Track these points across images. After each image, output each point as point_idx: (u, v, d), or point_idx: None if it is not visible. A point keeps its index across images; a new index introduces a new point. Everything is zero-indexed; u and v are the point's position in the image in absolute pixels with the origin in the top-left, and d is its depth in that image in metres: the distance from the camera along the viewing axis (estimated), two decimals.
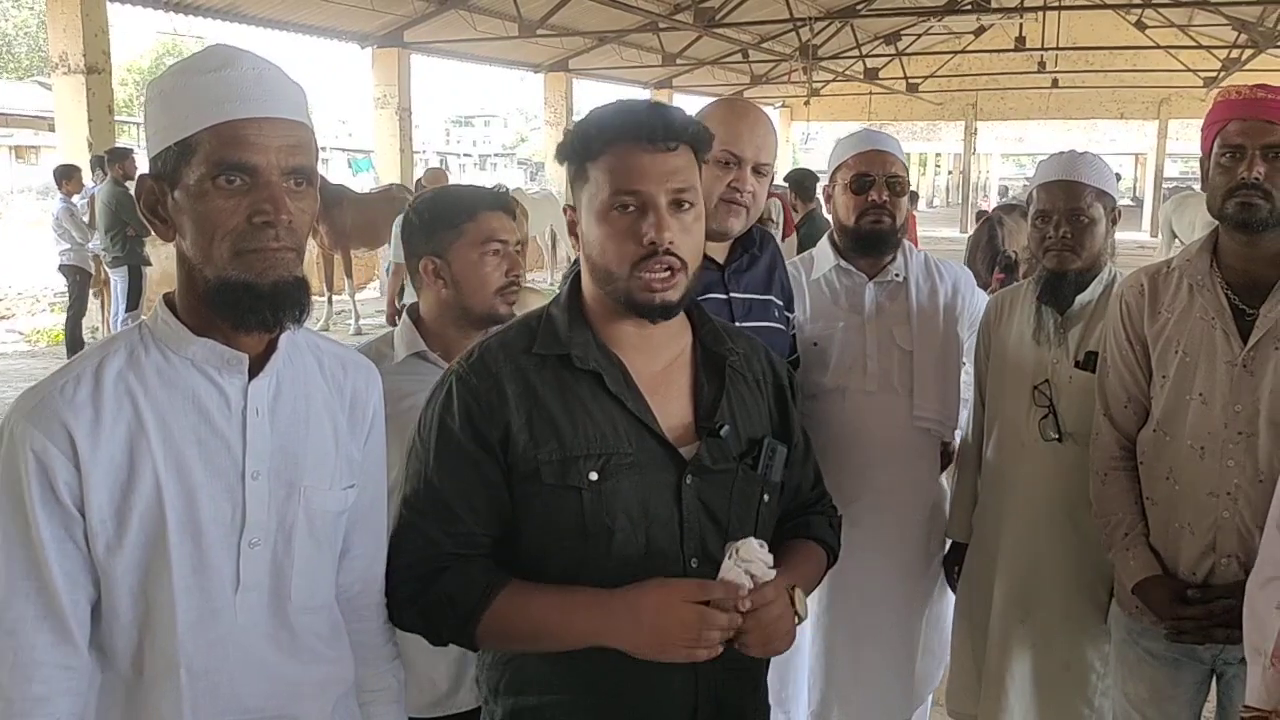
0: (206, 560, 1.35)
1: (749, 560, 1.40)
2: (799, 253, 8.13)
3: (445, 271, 2.19)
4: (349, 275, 12.37)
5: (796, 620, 1.48)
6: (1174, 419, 2.14)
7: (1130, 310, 2.23)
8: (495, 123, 75.59)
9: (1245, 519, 2.04)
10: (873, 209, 2.56)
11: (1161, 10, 17.45)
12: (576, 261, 1.65)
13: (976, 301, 2.81)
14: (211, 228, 1.30)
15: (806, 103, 23.03)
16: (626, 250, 1.46)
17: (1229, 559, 2.07)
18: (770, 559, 1.42)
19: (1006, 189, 22.42)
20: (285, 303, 1.33)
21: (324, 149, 11.89)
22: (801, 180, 8.09)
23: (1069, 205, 2.40)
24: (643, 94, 21.97)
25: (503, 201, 2.25)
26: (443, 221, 2.20)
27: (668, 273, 1.46)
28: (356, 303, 12.43)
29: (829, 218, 2.90)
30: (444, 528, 1.52)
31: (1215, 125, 2.09)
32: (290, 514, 1.41)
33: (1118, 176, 2.59)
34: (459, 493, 1.52)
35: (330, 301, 12.10)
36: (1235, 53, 18.69)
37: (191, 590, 1.34)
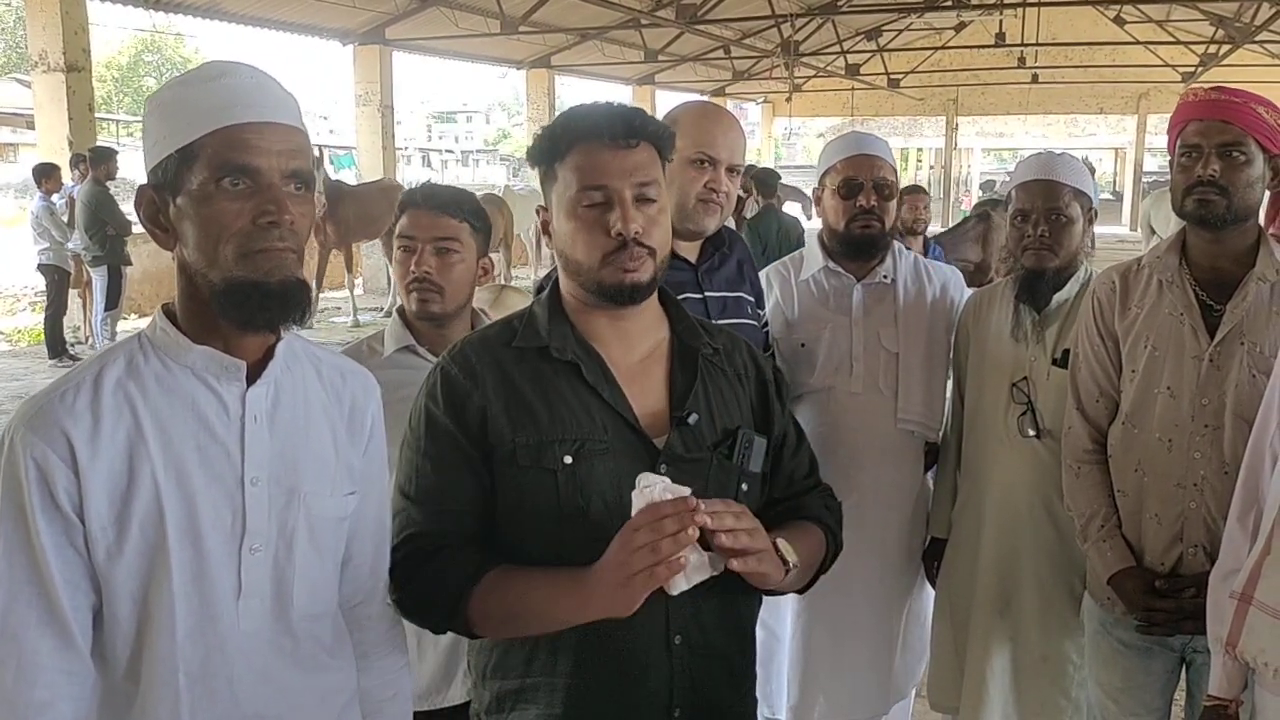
0: (206, 566, 1.36)
1: (651, 485, 1.38)
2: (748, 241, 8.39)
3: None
4: (349, 269, 12.64)
5: (787, 566, 1.50)
6: (1143, 412, 2.20)
7: (1102, 306, 2.28)
8: (477, 119, 75.43)
9: (1211, 510, 2.10)
10: (861, 214, 2.59)
11: (1140, 6, 17.58)
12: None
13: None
14: (217, 230, 1.31)
15: (788, 98, 23.08)
16: (596, 242, 1.52)
17: (1195, 549, 2.13)
18: (668, 482, 1.38)
19: (993, 183, 22.53)
20: (291, 302, 1.35)
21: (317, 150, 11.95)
22: (763, 178, 9.04)
23: (1047, 205, 2.45)
24: (625, 90, 21.97)
25: (417, 198, 2.25)
26: (393, 221, 2.29)
27: (638, 259, 1.52)
28: (355, 297, 12.65)
29: (797, 215, 2.94)
30: (435, 512, 1.56)
31: (1176, 127, 2.16)
32: (291, 520, 1.42)
33: (1092, 170, 2.64)
34: (446, 477, 1.56)
35: (316, 300, 12.14)
36: (1213, 48, 18.82)
37: (191, 596, 1.35)
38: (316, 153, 11.68)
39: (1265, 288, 2.10)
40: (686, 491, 1.37)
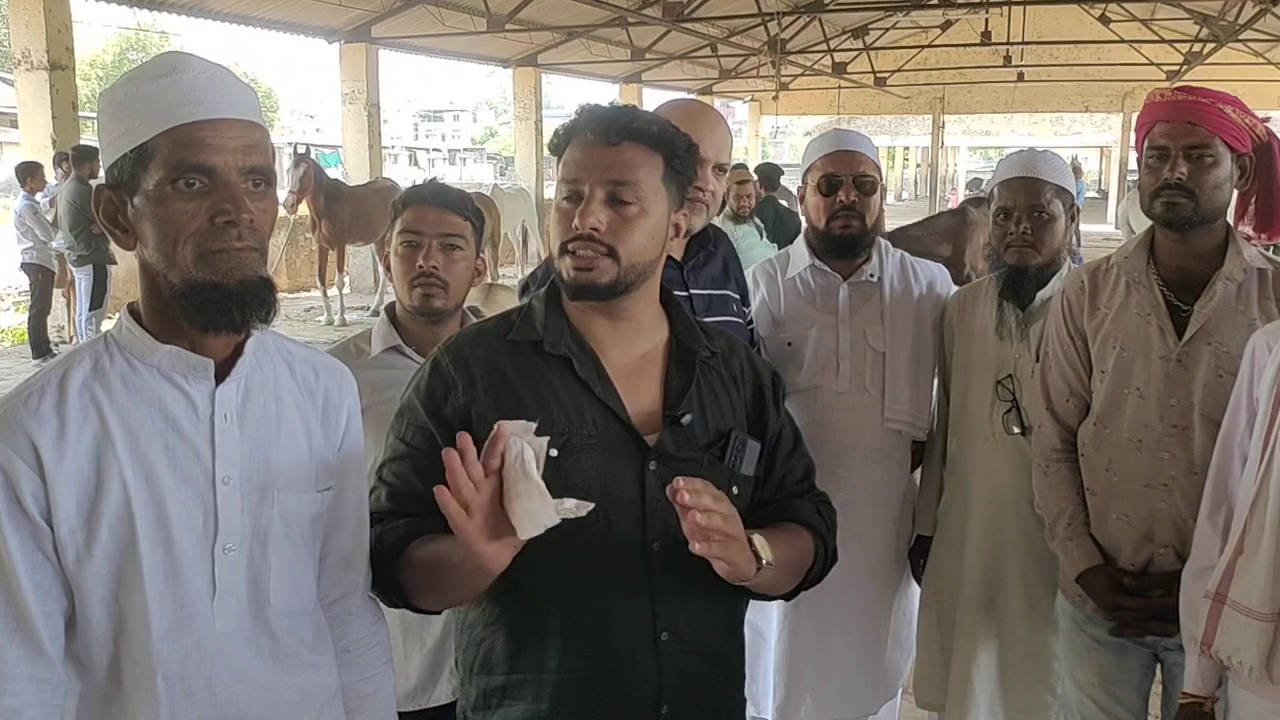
0: (179, 567, 1.34)
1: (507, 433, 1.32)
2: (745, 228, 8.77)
3: (388, 263, 2.29)
4: (341, 269, 12.61)
5: (759, 563, 1.49)
6: (1113, 412, 2.20)
7: (1071, 306, 2.29)
8: (464, 117, 75.28)
9: (1180, 510, 2.11)
10: (842, 211, 2.58)
11: (1125, 4, 17.64)
12: (547, 259, 1.69)
13: None
14: (174, 231, 1.30)
15: (775, 97, 23.08)
16: (559, 233, 1.54)
17: (1166, 549, 2.13)
18: (524, 423, 1.32)
19: (980, 181, 22.63)
20: (253, 302, 1.34)
21: (291, 144, 11.93)
22: (767, 171, 10.22)
23: (1029, 202, 2.46)
24: (612, 88, 21.96)
25: (425, 194, 2.26)
26: (390, 218, 2.28)
27: (589, 254, 1.51)
28: (342, 295, 12.63)
29: (789, 206, 2.94)
30: (399, 495, 1.57)
31: (1144, 128, 2.15)
32: (264, 518, 1.41)
33: (1078, 170, 2.65)
34: (416, 465, 1.56)
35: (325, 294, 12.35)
36: (1197, 47, 18.90)
37: (164, 597, 1.34)
38: (304, 150, 11.70)
39: (1232, 287, 2.11)
40: (532, 428, 1.31)
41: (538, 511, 1.29)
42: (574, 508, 1.31)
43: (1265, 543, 1.74)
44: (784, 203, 10.12)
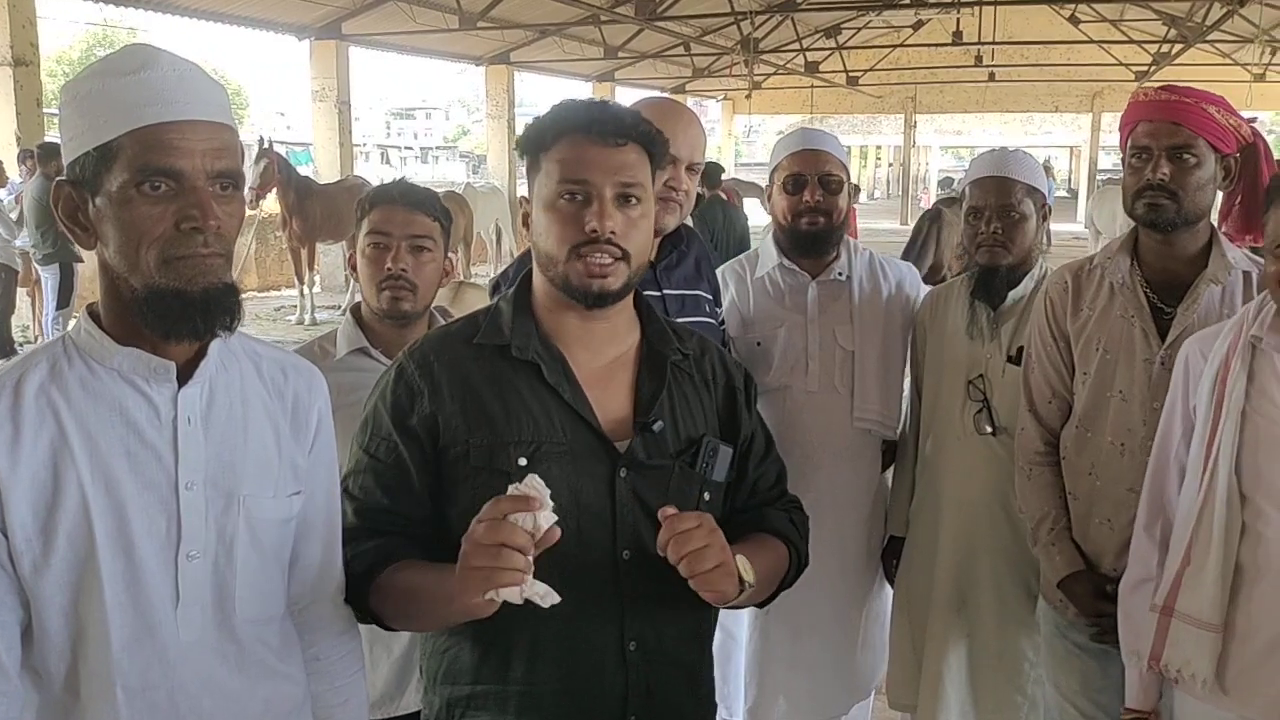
0: (140, 575, 1.31)
1: (525, 486, 1.33)
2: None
3: (354, 264, 2.26)
4: (311, 267, 12.48)
5: (742, 586, 1.47)
6: (1095, 416, 2.19)
7: (1054, 306, 2.27)
8: (436, 115, 74.99)
9: None
10: (807, 210, 2.58)
11: (1094, 5, 17.80)
12: (520, 257, 1.66)
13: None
14: (138, 235, 1.26)
15: (748, 96, 23.10)
16: (568, 235, 1.49)
17: None
18: (547, 491, 1.32)
19: (951, 180, 22.76)
20: (216, 310, 1.30)
21: (259, 138, 11.82)
22: (706, 169, 9.63)
23: (1000, 201, 2.46)
24: (585, 87, 21.92)
25: (393, 194, 2.22)
26: (357, 217, 2.25)
27: (607, 260, 1.49)
28: (312, 295, 12.51)
29: (756, 209, 2.93)
30: (366, 509, 1.54)
31: (1127, 127, 2.13)
32: (230, 525, 1.37)
33: (1049, 169, 2.65)
34: (382, 478, 1.54)
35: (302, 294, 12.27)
36: (1165, 47, 19.10)
37: (125, 607, 1.30)
38: (266, 144, 11.57)
39: (1216, 290, 2.09)
40: (549, 512, 1.31)
41: (503, 589, 1.30)
42: (543, 594, 1.31)
43: (1213, 553, 1.73)
44: (747, 205, 10.04)
